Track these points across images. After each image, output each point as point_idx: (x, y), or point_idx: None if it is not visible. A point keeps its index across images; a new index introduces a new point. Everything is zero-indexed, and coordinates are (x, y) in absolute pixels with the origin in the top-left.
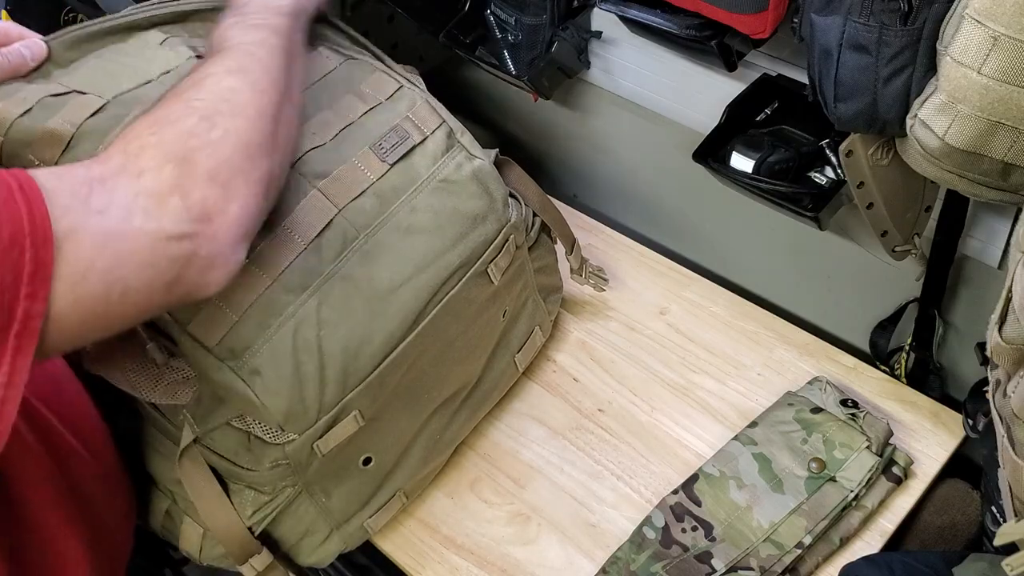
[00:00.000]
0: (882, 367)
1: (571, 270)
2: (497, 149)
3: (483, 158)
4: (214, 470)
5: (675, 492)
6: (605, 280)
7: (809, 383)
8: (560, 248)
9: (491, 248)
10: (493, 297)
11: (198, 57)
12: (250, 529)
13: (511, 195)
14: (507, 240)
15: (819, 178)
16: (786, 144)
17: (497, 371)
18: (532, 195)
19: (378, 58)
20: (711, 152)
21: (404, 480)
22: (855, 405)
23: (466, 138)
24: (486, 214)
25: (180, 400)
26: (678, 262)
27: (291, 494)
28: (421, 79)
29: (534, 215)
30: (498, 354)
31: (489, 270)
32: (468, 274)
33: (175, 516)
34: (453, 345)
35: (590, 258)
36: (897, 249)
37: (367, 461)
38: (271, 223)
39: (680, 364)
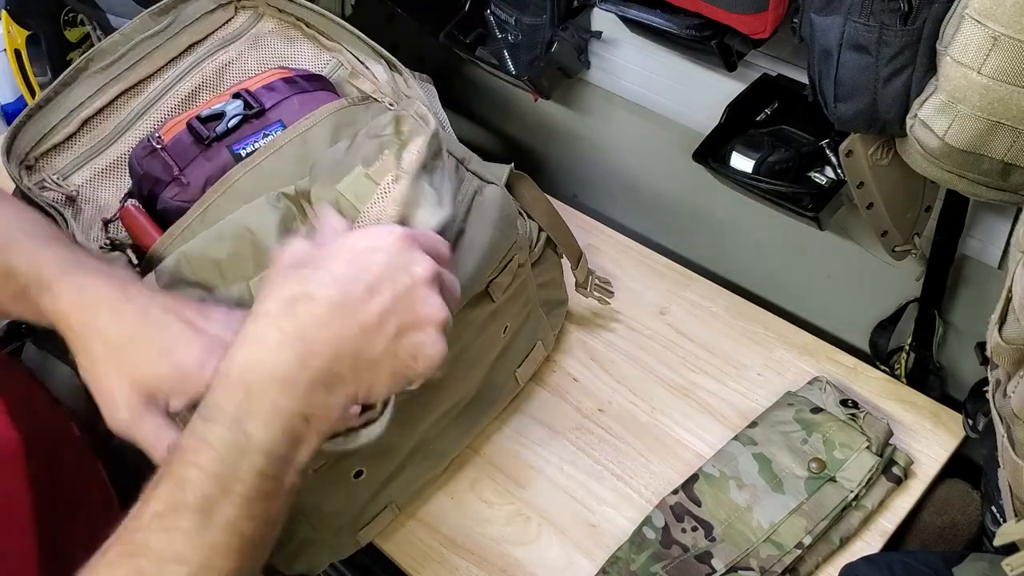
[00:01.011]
0: (882, 367)
1: (575, 284)
2: (511, 164)
3: (495, 181)
4: None
5: (675, 492)
6: (611, 293)
7: (809, 383)
8: (565, 260)
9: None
10: (493, 315)
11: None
12: None
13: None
14: (510, 260)
15: (819, 178)
16: (786, 144)
17: (496, 386)
18: (542, 211)
19: (393, 66)
20: (711, 152)
21: (396, 492)
22: (855, 405)
23: (474, 163)
24: None
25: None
26: (678, 262)
27: None
28: (434, 88)
29: (540, 229)
30: (497, 369)
31: (489, 289)
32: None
33: None
34: (451, 363)
35: (590, 258)
36: (897, 249)
37: (359, 474)
38: None
39: (680, 364)
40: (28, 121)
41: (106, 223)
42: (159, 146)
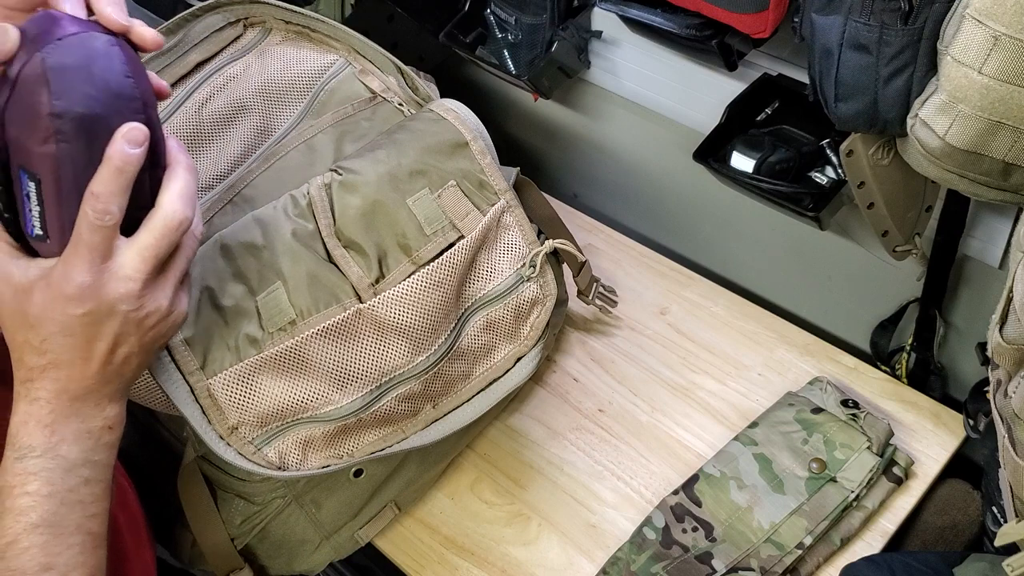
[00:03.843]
0: (883, 367)
1: (577, 291)
2: (518, 169)
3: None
4: (206, 478)
5: (675, 492)
6: (614, 303)
7: (810, 383)
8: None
9: None
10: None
11: None
12: (236, 540)
13: None
14: None
15: (820, 178)
16: (787, 144)
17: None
18: (545, 218)
19: (400, 71)
20: (712, 152)
21: (396, 492)
22: (856, 405)
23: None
24: None
25: (175, 411)
26: (678, 262)
27: (280, 505)
28: (436, 87)
29: (539, 233)
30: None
31: None
32: None
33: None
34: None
35: (590, 258)
36: (898, 249)
37: (358, 473)
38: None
39: (680, 364)
40: None
41: None
42: None
